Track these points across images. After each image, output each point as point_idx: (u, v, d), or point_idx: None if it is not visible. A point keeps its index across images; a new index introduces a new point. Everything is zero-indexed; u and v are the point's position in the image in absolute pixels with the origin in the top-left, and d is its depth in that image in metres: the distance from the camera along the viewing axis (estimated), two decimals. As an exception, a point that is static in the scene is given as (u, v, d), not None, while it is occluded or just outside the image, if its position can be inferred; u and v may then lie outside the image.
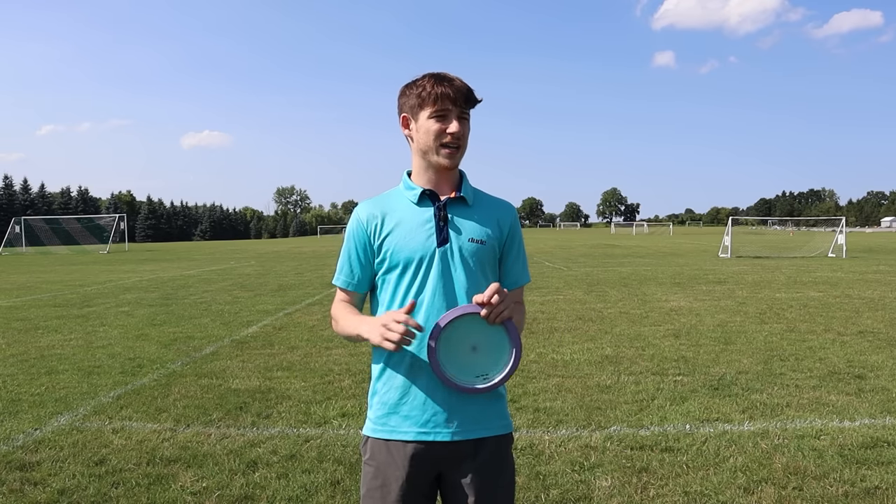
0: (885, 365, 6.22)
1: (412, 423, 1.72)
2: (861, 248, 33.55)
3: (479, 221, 1.78)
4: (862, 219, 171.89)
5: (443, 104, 1.70)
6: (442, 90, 1.69)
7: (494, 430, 1.75)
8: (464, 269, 1.73)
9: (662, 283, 14.86)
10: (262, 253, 38.22)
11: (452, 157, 1.73)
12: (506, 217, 1.84)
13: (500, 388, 1.77)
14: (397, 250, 1.73)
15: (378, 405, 1.77)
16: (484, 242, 1.76)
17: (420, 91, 1.72)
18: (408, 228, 1.74)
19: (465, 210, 1.78)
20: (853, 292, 12.44)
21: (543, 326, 8.70)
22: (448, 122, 1.71)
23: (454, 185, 1.80)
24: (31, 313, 10.96)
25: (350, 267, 1.81)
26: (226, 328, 9.01)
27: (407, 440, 1.71)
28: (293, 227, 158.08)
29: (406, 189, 1.80)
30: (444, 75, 1.74)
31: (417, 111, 1.74)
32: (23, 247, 46.64)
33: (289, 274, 19.66)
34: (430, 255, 1.72)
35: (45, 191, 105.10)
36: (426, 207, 1.76)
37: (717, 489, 3.47)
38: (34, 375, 6.28)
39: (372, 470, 1.75)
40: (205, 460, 3.95)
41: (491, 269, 1.80)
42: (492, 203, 1.85)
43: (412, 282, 1.72)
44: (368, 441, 1.78)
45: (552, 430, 4.44)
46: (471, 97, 1.73)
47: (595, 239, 60.46)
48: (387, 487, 1.71)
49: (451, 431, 1.71)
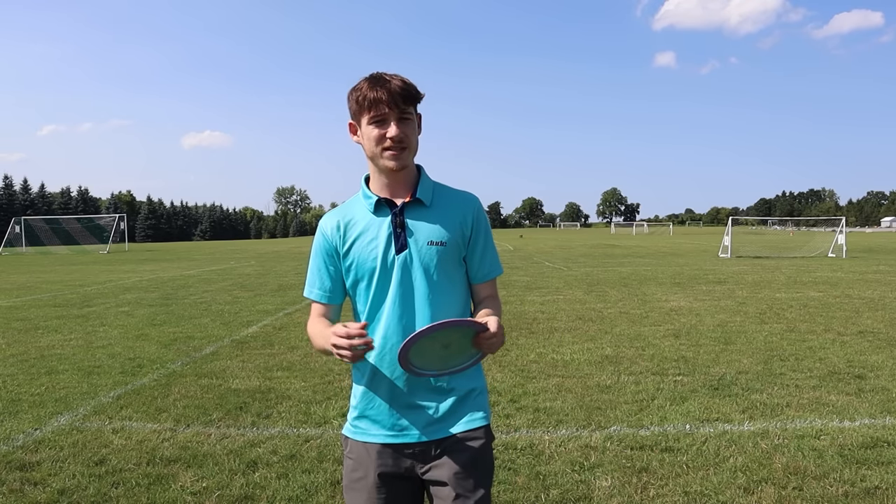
0: (885, 365, 6.21)
1: (380, 427, 1.76)
2: (861, 248, 33.55)
3: (438, 222, 1.74)
4: (862, 219, 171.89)
5: (379, 109, 1.65)
6: (375, 95, 1.64)
7: (465, 426, 1.75)
8: (423, 274, 1.71)
9: (662, 283, 14.86)
10: (262, 253, 38.21)
11: (397, 159, 1.68)
12: (468, 212, 1.78)
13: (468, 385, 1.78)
14: (360, 262, 1.73)
15: (354, 408, 1.82)
16: (444, 244, 1.73)
17: (358, 96, 1.68)
18: (368, 238, 1.73)
19: (422, 212, 1.75)
20: (853, 292, 12.44)
21: (543, 326, 8.70)
22: (386, 127, 1.66)
23: (410, 185, 1.76)
24: (31, 313, 10.96)
25: (320, 280, 1.80)
26: (226, 328, 9.01)
27: (376, 442, 1.76)
28: (293, 227, 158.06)
29: (364, 198, 1.78)
30: (380, 77, 1.68)
31: (359, 117, 1.70)
32: (23, 247, 46.63)
33: (289, 274, 19.66)
34: (390, 263, 1.71)
35: (45, 191, 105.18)
36: (383, 215, 1.74)
37: (717, 489, 3.47)
38: (34, 375, 6.28)
39: (352, 463, 1.79)
40: (205, 460, 3.95)
41: (454, 268, 1.77)
42: (453, 198, 1.80)
43: (374, 292, 1.73)
44: (347, 440, 1.83)
45: (552, 430, 4.44)
46: (408, 95, 1.66)
47: (595, 239, 60.44)
48: (365, 479, 1.76)
49: (418, 433, 1.74)
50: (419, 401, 1.74)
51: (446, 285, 1.74)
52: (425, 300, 1.71)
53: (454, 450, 1.74)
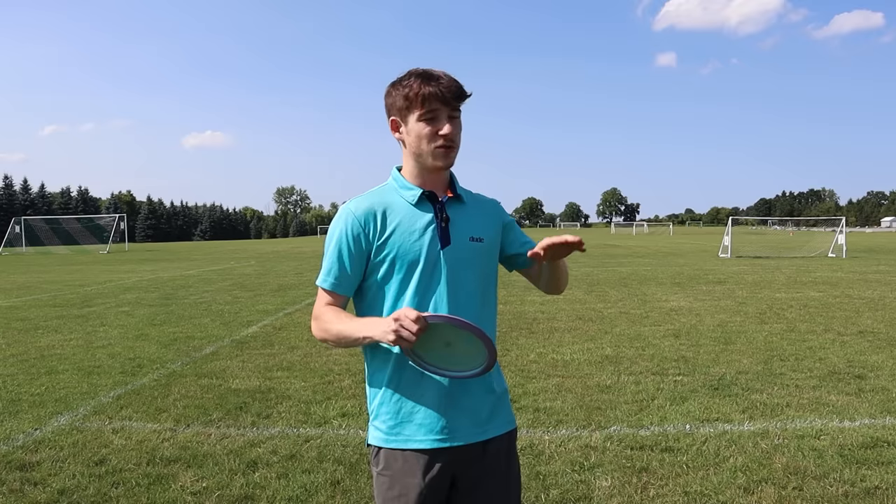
0: (885, 365, 6.21)
1: (427, 431, 1.67)
2: (861, 248, 33.54)
3: (477, 219, 1.76)
4: (862, 219, 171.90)
5: (432, 105, 1.62)
6: (430, 90, 1.61)
7: (502, 428, 1.76)
8: (469, 268, 1.71)
9: (662, 283, 14.86)
10: (262, 253, 38.20)
11: (447, 157, 1.67)
12: (499, 212, 1.84)
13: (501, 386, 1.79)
14: (401, 253, 1.66)
15: (387, 414, 1.70)
16: (483, 240, 1.74)
17: (407, 92, 1.64)
18: (410, 230, 1.67)
19: (462, 209, 1.75)
20: (853, 292, 12.44)
21: (543, 326, 8.70)
22: (439, 124, 1.64)
23: (447, 183, 1.77)
24: (31, 313, 10.96)
25: (341, 267, 1.69)
26: (226, 328, 9.01)
27: (423, 448, 1.67)
28: (293, 227, 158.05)
29: (403, 189, 1.72)
30: (431, 73, 1.65)
31: (406, 114, 1.66)
32: (23, 247, 46.62)
33: (289, 274, 19.65)
34: (436, 257, 1.67)
35: (45, 191, 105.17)
36: (425, 209, 1.71)
37: (717, 489, 3.47)
38: (34, 375, 6.28)
39: (387, 480, 1.69)
40: (205, 460, 3.95)
41: (492, 265, 1.79)
42: (481, 200, 1.84)
43: (416, 286, 1.66)
44: (381, 452, 1.71)
45: (552, 430, 4.43)
46: (460, 94, 1.65)
47: (595, 239, 60.45)
48: (405, 497, 1.66)
49: (463, 435, 1.70)
50: (467, 402, 1.69)
51: (486, 282, 1.75)
52: (471, 295, 1.70)
53: (496, 452, 1.74)
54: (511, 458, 1.79)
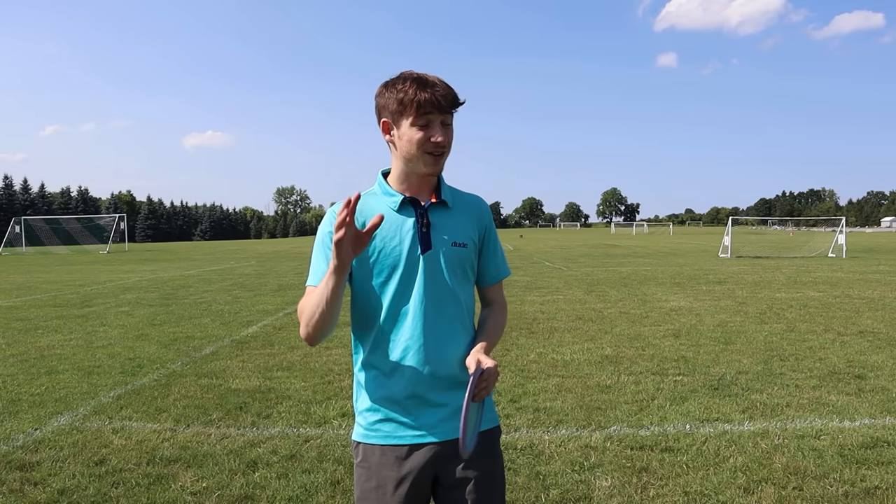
0: (885, 365, 6.21)
1: (406, 428, 1.71)
2: (861, 248, 33.54)
3: (459, 224, 1.75)
4: (862, 219, 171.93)
5: (426, 112, 1.62)
6: (425, 97, 1.60)
7: (483, 426, 1.76)
8: (448, 273, 1.71)
9: (662, 283, 14.85)
10: (262, 253, 38.21)
11: (437, 164, 1.67)
12: (483, 215, 1.82)
13: None
14: (382, 257, 1.68)
15: (367, 411, 1.74)
16: (465, 245, 1.75)
17: (402, 97, 1.63)
18: (391, 235, 1.69)
19: (445, 214, 1.75)
20: (853, 292, 12.44)
21: (543, 326, 8.70)
22: (433, 131, 1.63)
23: (433, 187, 1.76)
24: (31, 313, 10.96)
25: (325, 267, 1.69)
26: (226, 328, 9.01)
27: (401, 444, 1.71)
28: (293, 227, 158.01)
29: (385, 195, 1.73)
30: (426, 78, 1.64)
31: (399, 118, 1.65)
32: (23, 247, 46.61)
33: (289, 274, 19.64)
34: (415, 261, 1.68)
35: (45, 191, 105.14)
36: (407, 214, 1.71)
37: (717, 489, 3.47)
38: (34, 375, 6.28)
39: (365, 472, 1.74)
40: (205, 460, 3.95)
41: (471, 269, 1.79)
42: (467, 201, 1.82)
43: (396, 289, 1.69)
44: (360, 446, 1.76)
45: (552, 430, 4.43)
46: (455, 102, 1.65)
47: (595, 239, 60.44)
48: (382, 489, 1.70)
49: (441, 432, 1.71)
50: (443, 399, 1.71)
51: (465, 285, 1.76)
52: (449, 300, 1.72)
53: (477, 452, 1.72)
54: (495, 456, 1.79)
